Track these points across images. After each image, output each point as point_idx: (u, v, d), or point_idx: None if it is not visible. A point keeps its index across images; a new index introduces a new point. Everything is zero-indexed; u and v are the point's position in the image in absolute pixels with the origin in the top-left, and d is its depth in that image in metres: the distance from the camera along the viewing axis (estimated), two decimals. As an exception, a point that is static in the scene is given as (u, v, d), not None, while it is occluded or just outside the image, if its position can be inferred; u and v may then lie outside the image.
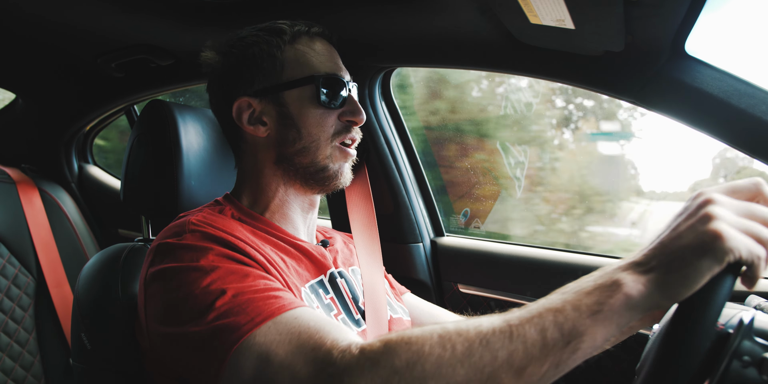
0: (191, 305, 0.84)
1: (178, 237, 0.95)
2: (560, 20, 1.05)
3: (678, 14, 1.05)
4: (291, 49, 1.10)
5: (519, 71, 1.41)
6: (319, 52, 1.12)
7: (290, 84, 1.09)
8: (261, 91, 1.10)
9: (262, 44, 1.10)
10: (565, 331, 0.65)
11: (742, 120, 1.09)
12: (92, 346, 1.10)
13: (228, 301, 0.82)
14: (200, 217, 1.00)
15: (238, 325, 0.79)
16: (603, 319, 0.65)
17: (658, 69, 1.16)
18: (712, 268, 0.62)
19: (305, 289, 1.03)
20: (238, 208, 1.12)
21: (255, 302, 0.82)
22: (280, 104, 1.10)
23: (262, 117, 1.11)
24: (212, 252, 0.90)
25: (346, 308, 1.11)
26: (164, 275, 0.90)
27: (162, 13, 1.49)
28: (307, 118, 1.09)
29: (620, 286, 0.65)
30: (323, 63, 1.11)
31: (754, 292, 1.15)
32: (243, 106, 1.11)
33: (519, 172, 2.03)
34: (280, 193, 1.13)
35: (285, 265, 1.03)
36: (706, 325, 0.62)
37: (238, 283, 0.85)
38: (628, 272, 0.67)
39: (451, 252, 1.76)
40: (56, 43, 1.74)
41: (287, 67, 1.09)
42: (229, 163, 1.33)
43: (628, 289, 0.65)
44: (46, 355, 1.86)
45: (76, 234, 2.14)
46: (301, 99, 1.09)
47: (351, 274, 1.21)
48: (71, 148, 2.38)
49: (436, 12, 1.28)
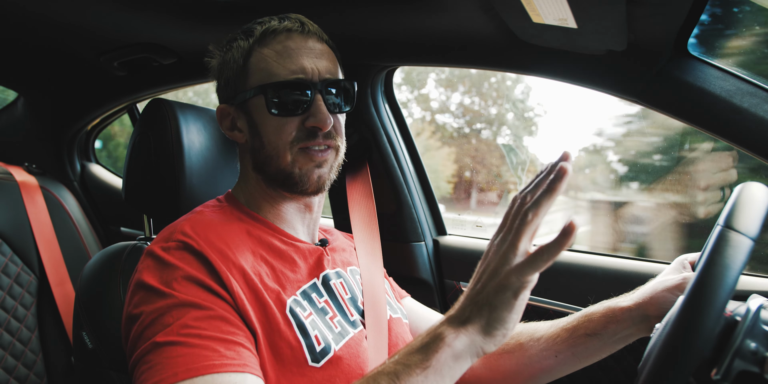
0: (141, 327, 0.87)
1: (164, 244, 0.96)
2: (563, 19, 1.05)
3: (680, 13, 1.05)
4: (257, 53, 1.07)
5: (521, 70, 1.41)
6: (284, 53, 1.06)
7: (250, 92, 1.07)
8: (231, 98, 1.10)
9: (234, 50, 1.09)
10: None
11: (744, 119, 1.09)
12: (94, 345, 1.11)
13: (169, 338, 0.83)
14: (194, 221, 1.01)
15: (163, 370, 0.81)
16: (434, 373, 0.74)
17: (660, 68, 1.16)
18: (518, 298, 0.74)
19: (296, 297, 1.02)
20: (238, 206, 1.12)
21: (192, 349, 0.82)
22: (247, 112, 1.09)
23: (237, 124, 1.11)
24: (182, 277, 0.90)
25: (342, 310, 1.09)
26: (136, 286, 0.93)
27: (165, 11, 1.48)
28: (266, 126, 1.07)
29: (443, 339, 0.75)
30: (284, 66, 1.05)
31: (757, 292, 1.15)
32: (223, 113, 1.12)
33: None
34: (267, 195, 1.13)
35: (274, 273, 1.02)
36: (716, 309, 0.63)
37: (190, 321, 0.85)
38: (449, 326, 0.77)
39: (453, 251, 1.76)
40: (59, 42, 1.74)
41: (251, 74, 1.07)
42: (230, 161, 1.33)
43: (449, 341, 0.75)
44: (48, 354, 1.87)
45: (79, 232, 2.14)
46: (261, 107, 1.07)
47: (349, 274, 1.20)
48: (73, 146, 2.39)
49: (438, 11, 1.28)
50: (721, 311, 0.63)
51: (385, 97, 1.75)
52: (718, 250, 0.67)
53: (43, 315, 1.89)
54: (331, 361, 0.97)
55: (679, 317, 0.64)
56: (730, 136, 1.13)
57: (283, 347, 0.93)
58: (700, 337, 0.62)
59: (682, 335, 0.63)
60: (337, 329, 1.03)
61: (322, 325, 1.01)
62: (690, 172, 1.74)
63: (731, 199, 0.78)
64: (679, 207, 1.85)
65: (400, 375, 0.74)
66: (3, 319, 1.79)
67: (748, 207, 0.75)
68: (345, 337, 1.03)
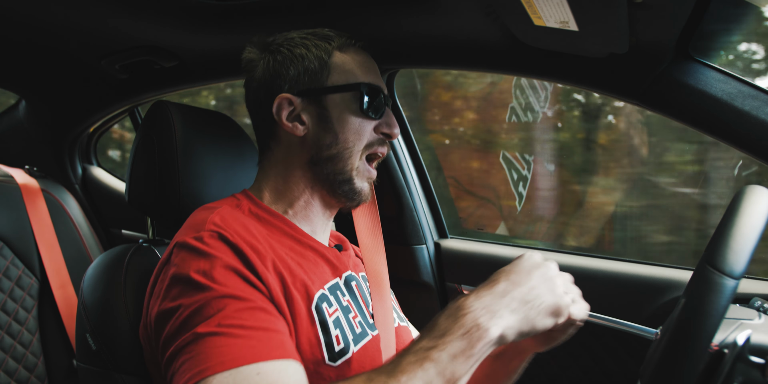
0: (180, 320, 0.86)
1: (196, 234, 0.95)
2: (564, 22, 1.05)
3: (682, 16, 1.05)
4: (339, 55, 1.12)
5: (522, 73, 1.42)
6: (363, 64, 1.14)
7: (335, 88, 1.10)
8: (305, 91, 1.10)
9: (311, 46, 1.11)
10: (446, 379, 0.77)
11: (746, 122, 1.09)
12: (97, 347, 1.10)
13: (210, 330, 0.83)
14: (223, 213, 1.00)
15: (205, 361, 0.80)
16: (475, 361, 0.79)
17: (662, 71, 1.17)
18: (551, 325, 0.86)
19: (324, 291, 1.03)
20: (256, 204, 1.11)
21: (234, 339, 0.82)
22: (322, 107, 1.10)
23: (302, 116, 1.11)
24: (222, 266, 0.90)
25: (362, 312, 1.11)
26: (171, 279, 0.91)
27: (166, 14, 1.49)
28: (346, 123, 1.09)
29: (486, 330, 0.79)
30: (367, 74, 1.12)
31: (758, 295, 1.15)
32: (284, 102, 1.11)
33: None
34: (306, 194, 1.13)
35: (301, 268, 1.02)
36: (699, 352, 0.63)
37: (231, 312, 0.85)
38: (488, 317, 0.81)
39: (454, 254, 1.76)
40: (60, 45, 1.74)
41: (333, 72, 1.10)
42: (235, 164, 1.33)
43: (492, 333, 0.80)
44: (49, 357, 1.86)
45: (80, 235, 2.14)
46: (343, 105, 1.10)
47: (361, 279, 1.21)
48: (75, 149, 2.39)
49: (439, 14, 1.28)
50: (702, 356, 0.63)
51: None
52: (700, 294, 0.67)
53: (44, 318, 1.89)
54: (348, 361, 0.98)
55: (660, 365, 0.65)
56: (732, 138, 1.13)
57: (303, 343, 0.94)
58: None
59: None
60: (358, 330, 1.05)
61: (345, 324, 1.02)
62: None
63: (727, 213, 0.75)
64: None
65: (447, 365, 0.78)
66: (4, 322, 1.79)
67: (737, 237, 0.72)
68: (364, 338, 1.05)
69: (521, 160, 2.19)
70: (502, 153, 2.24)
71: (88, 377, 1.14)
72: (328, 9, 1.37)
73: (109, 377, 1.09)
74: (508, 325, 0.81)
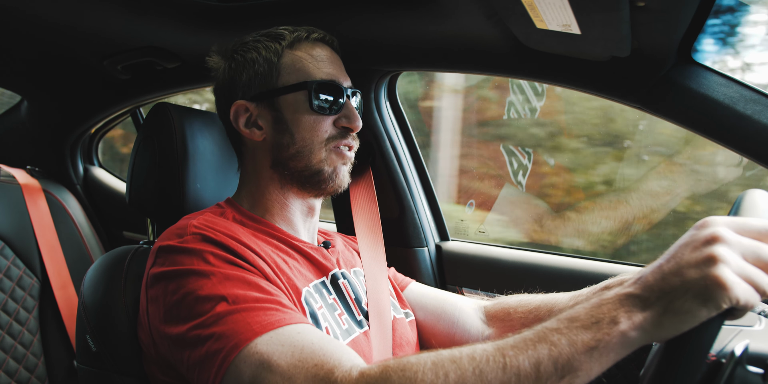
0: (191, 309, 0.86)
1: (180, 239, 0.96)
2: (566, 25, 1.05)
3: (684, 20, 1.05)
4: (289, 54, 1.12)
5: (525, 76, 1.42)
6: (318, 58, 1.13)
7: (285, 89, 1.10)
8: (257, 95, 1.12)
9: (261, 49, 1.11)
10: (560, 366, 0.66)
11: (747, 126, 1.09)
12: (97, 348, 1.10)
13: (227, 308, 0.84)
14: (202, 220, 1.01)
15: (239, 332, 0.81)
16: (599, 356, 0.65)
17: (664, 74, 1.16)
18: (709, 315, 0.62)
19: (309, 288, 1.04)
20: (239, 211, 1.13)
21: (255, 311, 0.84)
22: (276, 109, 1.11)
23: (258, 121, 1.12)
24: (212, 255, 0.91)
25: (348, 309, 1.12)
26: (165, 278, 0.92)
27: (168, 16, 1.49)
28: (300, 123, 1.10)
29: (618, 324, 0.65)
30: (320, 69, 1.12)
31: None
32: (240, 109, 1.13)
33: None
34: (278, 196, 1.14)
35: (287, 266, 1.04)
36: (696, 364, 0.62)
37: (238, 290, 0.87)
38: (626, 309, 0.66)
39: (456, 257, 1.75)
40: (62, 46, 1.75)
41: (283, 73, 1.11)
42: (234, 165, 1.33)
43: (625, 328, 0.65)
44: (50, 357, 1.87)
45: (81, 236, 2.14)
46: (295, 104, 1.10)
47: (353, 275, 1.22)
48: (77, 150, 2.39)
49: (442, 17, 1.28)
50: (700, 365, 0.62)
51: (389, 102, 1.75)
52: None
53: (45, 318, 1.89)
54: None
55: (658, 372, 0.64)
56: (733, 142, 1.13)
57: None
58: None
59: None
60: (344, 326, 1.05)
61: (331, 319, 1.03)
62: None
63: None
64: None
65: (564, 350, 0.66)
66: (5, 323, 1.79)
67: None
68: (351, 334, 1.05)
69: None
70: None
71: (88, 378, 1.14)
72: (328, 10, 1.37)
73: (108, 379, 1.09)
74: (647, 320, 0.66)
